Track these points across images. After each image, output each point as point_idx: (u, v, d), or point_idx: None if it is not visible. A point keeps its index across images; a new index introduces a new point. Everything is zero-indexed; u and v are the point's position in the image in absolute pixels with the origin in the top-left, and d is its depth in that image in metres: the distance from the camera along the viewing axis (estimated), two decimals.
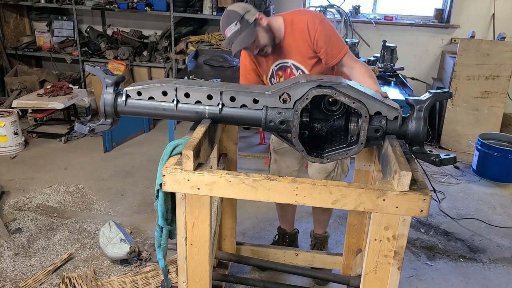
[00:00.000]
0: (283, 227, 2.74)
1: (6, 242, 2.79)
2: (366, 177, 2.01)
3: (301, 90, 1.53)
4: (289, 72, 2.13)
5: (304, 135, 1.65)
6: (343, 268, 2.35)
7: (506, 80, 4.36)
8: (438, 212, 3.37)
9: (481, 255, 2.89)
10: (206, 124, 1.58)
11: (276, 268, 2.32)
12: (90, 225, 3.02)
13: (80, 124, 1.71)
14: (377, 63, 3.96)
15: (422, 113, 1.52)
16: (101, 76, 1.65)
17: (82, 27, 5.54)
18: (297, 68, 2.12)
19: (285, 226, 2.73)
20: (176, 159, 1.47)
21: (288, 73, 2.14)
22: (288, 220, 2.72)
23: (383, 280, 1.46)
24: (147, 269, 2.56)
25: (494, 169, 3.90)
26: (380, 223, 1.38)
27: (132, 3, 5.05)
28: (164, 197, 1.48)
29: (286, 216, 2.70)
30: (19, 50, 5.42)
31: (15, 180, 3.58)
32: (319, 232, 2.69)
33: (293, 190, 1.37)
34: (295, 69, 2.12)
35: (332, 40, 2.05)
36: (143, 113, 1.68)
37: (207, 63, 4.14)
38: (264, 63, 2.19)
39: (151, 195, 3.37)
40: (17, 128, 4.09)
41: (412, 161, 1.47)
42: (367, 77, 1.98)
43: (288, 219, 2.72)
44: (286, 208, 2.65)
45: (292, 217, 2.73)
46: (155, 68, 5.22)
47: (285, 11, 2.31)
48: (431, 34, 5.03)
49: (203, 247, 1.53)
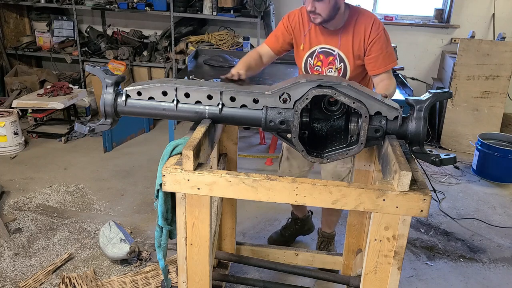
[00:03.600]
0: (296, 213, 2.80)
1: (6, 242, 2.79)
2: (366, 177, 2.01)
3: (301, 90, 1.53)
4: (331, 60, 2.11)
5: (304, 135, 1.65)
6: (343, 268, 2.35)
7: (506, 80, 4.36)
8: (438, 212, 3.37)
9: (481, 255, 2.89)
10: (206, 124, 1.58)
11: (276, 268, 2.32)
12: (90, 225, 3.02)
13: (80, 124, 1.71)
14: None
15: (422, 113, 1.52)
16: (101, 76, 1.65)
17: (82, 27, 5.54)
18: (342, 60, 2.09)
19: (298, 212, 2.79)
20: (176, 159, 1.47)
21: (328, 61, 2.11)
22: (300, 208, 2.76)
23: (383, 280, 1.46)
24: (147, 269, 2.56)
25: (494, 169, 3.90)
26: (380, 223, 1.38)
27: (132, 3, 5.05)
28: (164, 197, 1.48)
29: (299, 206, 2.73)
30: (19, 50, 5.42)
31: (15, 180, 3.58)
32: (326, 231, 2.72)
33: (293, 190, 1.37)
34: (339, 60, 2.09)
35: (385, 51, 2.06)
36: (143, 113, 1.68)
37: (207, 63, 4.14)
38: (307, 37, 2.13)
39: (151, 195, 3.37)
40: (17, 128, 4.09)
41: (412, 161, 1.47)
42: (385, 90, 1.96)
43: (300, 208, 2.76)
44: None
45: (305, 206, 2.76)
46: (155, 68, 5.22)
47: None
48: (431, 34, 5.03)
49: (203, 247, 1.53)
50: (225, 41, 5.02)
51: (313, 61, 2.14)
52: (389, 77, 2.10)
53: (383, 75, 2.08)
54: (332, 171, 2.33)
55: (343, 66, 2.11)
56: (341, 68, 2.11)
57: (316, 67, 2.14)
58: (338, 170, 2.32)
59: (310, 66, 2.16)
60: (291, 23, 2.16)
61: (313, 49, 2.13)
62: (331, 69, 2.12)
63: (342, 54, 2.09)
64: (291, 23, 2.16)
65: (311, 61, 2.14)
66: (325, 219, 2.69)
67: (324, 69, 2.13)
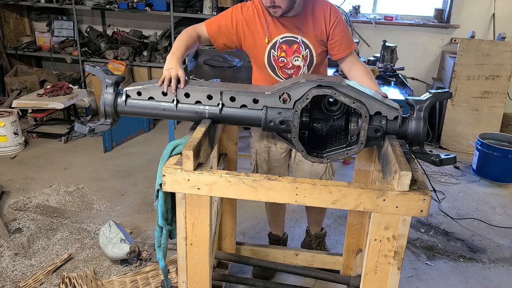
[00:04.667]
0: (275, 233, 2.68)
1: (6, 242, 2.79)
2: (366, 177, 2.01)
3: (301, 90, 1.53)
4: (296, 48, 2.05)
5: (304, 135, 1.65)
6: (343, 268, 2.35)
7: (506, 80, 4.36)
8: (438, 212, 3.37)
9: (481, 255, 2.89)
10: (206, 124, 1.58)
11: (276, 268, 2.32)
12: (90, 225, 3.02)
13: (80, 124, 1.72)
14: (377, 63, 3.96)
15: (422, 113, 1.52)
16: (101, 76, 1.65)
17: (82, 27, 5.54)
18: (307, 46, 2.05)
19: (277, 231, 2.68)
20: (176, 159, 1.47)
21: (293, 49, 2.05)
22: (281, 224, 2.67)
23: (383, 280, 1.46)
24: (147, 269, 2.56)
25: (494, 169, 3.90)
26: (380, 223, 1.38)
27: (132, 3, 5.05)
28: (164, 197, 1.48)
29: (279, 220, 2.65)
30: (19, 50, 5.42)
31: (15, 180, 3.58)
32: (317, 230, 2.66)
33: (293, 190, 1.37)
34: (304, 47, 2.04)
35: (347, 34, 2.04)
36: (143, 113, 1.68)
37: (207, 63, 4.14)
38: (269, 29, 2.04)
39: (151, 195, 3.37)
40: (17, 128, 4.09)
41: (412, 161, 1.47)
42: (367, 78, 1.97)
43: (280, 224, 2.67)
44: (279, 213, 2.61)
45: (283, 220, 2.69)
46: (155, 68, 5.21)
47: None
48: (431, 34, 5.03)
49: (203, 247, 1.53)
50: None
51: (276, 53, 2.05)
52: (358, 60, 2.09)
53: (350, 58, 2.06)
54: (310, 170, 2.26)
55: (309, 53, 2.05)
56: (307, 55, 2.05)
57: (280, 58, 2.05)
58: (315, 168, 2.25)
59: (274, 58, 2.06)
60: (245, 17, 2.02)
61: (274, 40, 2.05)
62: (298, 57, 2.05)
63: (306, 40, 2.04)
64: (245, 17, 2.02)
65: (274, 53, 2.05)
66: (313, 218, 2.62)
67: (290, 59, 2.05)
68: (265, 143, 2.27)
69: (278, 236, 2.69)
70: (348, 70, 2.07)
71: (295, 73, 2.07)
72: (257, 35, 2.04)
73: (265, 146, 2.27)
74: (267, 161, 2.30)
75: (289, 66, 2.06)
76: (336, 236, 2.99)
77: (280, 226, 2.68)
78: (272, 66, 2.07)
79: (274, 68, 2.07)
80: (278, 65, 2.06)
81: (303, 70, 2.07)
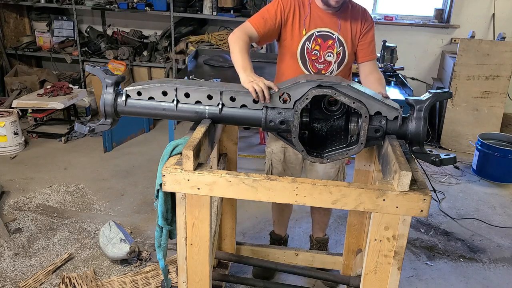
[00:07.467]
0: (278, 232, 2.69)
1: (6, 242, 2.79)
2: (366, 177, 2.01)
3: (301, 90, 1.53)
4: (330, 43, 2.07)
5: (304, 135, 1.65)
6: (343, 268, 2.35)
7: (506, 80, 4.36)
8: (438, 212, 3.37)
9: (481, 255, 2.89)
10: (206, 124, 1.58)
11: (276, 268, 2.32)
12: (90, 225, 3.01)
13: (80, 124, 1.72)
14: (377, 63, 3.96)
15: (422, 113, 1.52)
16: (101, 76, 1.65)
17: (82, 27, 5.54)
18: (342, 44, 2.07)
19: (280, 231, 2.68)
20: (176, 159, 1.47)
21: (328, 45, 2.07)
22: (285, 224, 2.68)
23: (383, 280, 1.46)
24: (147, 269, 2.56)
25: (494, 169, 3.90)
26: (380, 223, 1.38)
27: (132, 3, 5.05)
28: (164, 197, 1.48)
29: (283, 220, 2.66)
30: (19, 50, 5.42)
31: (15, 180, 3.58)
32: (320, 235, 2.65)
33: (293, 190, 1.37)
34: (339, 44, 2.07)
35: (374, 41, 2.13)
36: (143, 113, 1.68)
37: (207, 63, 4.14)
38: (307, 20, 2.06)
39: (151, 195, 3.37)
40: (17, 128, 4.09)
41: (412, 161, 1.47)
42: (378, 84, 1.98)
43: (284, 224, 2.68)
44: (285, 212, 2.61)
45: (288, 221, 2.69)
46: (155, 68, 5.21)
47: None
48: (431, 34, 5.03)
49: (203, 247, 1.53)
50: (225, 41, 5.01)
51: (311, 45, 2.07)
52: (377, 68, 2.14)
53: (371, 65, 2.10)
54: (322, 173, 2.29)
55: (342, 51, 2.08)
56: (340, 52, 2.08)
57: (314, 51, 2.07)
58: (328, 171, 2.28)
59: (308, 50, 2.08)
60: (285, 7, 2.04)
61: (311, 32, 2.07)
62: (331, 53, 2.07)
63: (341, 38, 2.07)
64: (284, 6, 2.04)
65: (309, 44, 2.07)
66: (317, 223, 2.62)
67: (323, 53, 2.07)
68: (282, 143, 2.27)
69: (280, 236, 2.69)
70: (365, 76, 2.10)
71: (325, 68, 2.10)
72: (295, 24, 2.07)
73: (282, 146, 2.28)
74: (282, 161, 2.31)
75: (321, 61, 2.08)
76: (336, 236, 2.99)
77: (284, 226, 2.69)
78: (304, 58, 2.09)
79: (306, 61, 2.08)
80: (310, 58, 2.08)
81: (333, 67, 2.10)
